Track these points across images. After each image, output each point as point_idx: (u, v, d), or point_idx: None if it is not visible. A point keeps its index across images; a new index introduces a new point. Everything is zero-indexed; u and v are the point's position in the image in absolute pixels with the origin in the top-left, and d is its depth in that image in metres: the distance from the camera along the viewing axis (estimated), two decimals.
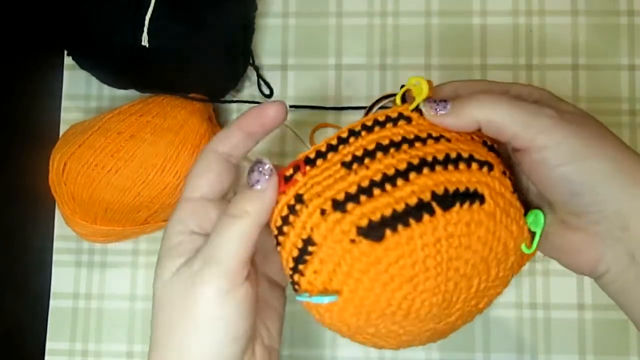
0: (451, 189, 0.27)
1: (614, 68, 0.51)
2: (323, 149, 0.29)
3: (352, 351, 0.49)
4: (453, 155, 0.28)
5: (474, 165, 0.28)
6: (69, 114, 0.53)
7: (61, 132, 0.52)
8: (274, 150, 0.51)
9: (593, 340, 0.48)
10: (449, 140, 0.29)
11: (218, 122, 0.51)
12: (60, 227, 0.52)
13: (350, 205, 0.27)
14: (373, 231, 0.26)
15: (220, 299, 0.26)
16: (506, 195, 0.29)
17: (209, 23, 0.45)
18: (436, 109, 0.29)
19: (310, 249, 0.27)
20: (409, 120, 0.30)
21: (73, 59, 0.48)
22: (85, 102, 0.53)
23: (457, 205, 0.27)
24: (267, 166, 0.28)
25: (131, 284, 0.51)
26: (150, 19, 0.44)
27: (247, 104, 0.51)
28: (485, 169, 0.28)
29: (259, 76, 0.51)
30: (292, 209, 0.28)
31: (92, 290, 0.51)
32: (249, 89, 0.52)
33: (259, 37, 0.52)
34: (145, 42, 0.44)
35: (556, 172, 0.27)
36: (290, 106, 0.51)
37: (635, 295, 0.28)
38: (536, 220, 0.30)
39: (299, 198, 0.28)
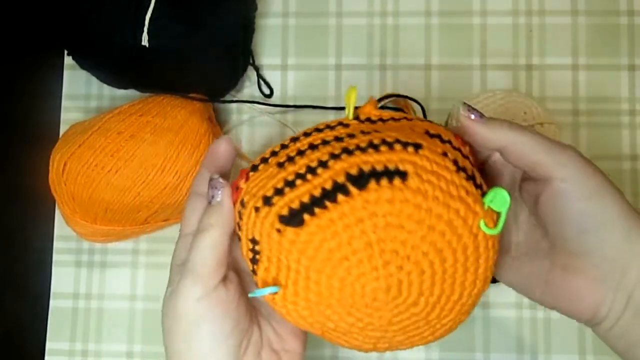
0: (366, 168, 0.27)
1: (614, 68, 0.51)
2: (267, 155, 0.31)
3: (352, 351, 0.49)
4: (376, 141, 0.28)
5: (397, 146, 0.28)
6: (69, 114, 0.53)
7: (61, 132, 0.52)
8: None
9: (593, 340, 0.48)
10: (378, 132, 0.29)
11: (218, 122, 0.51)
12: (60, 227, 0.52)
13: (275, 199, 0.28)
14: (293, 218, 0.27)
15: (197, 304, 0.29)
16: (442, 173, 0.28)
17: (209, 23, 0.45)
18: (472, 114, 0.30)
19: (257, 248, 0.29)
20: (347, 126, 0.31)
21: (73, 58, 0.48)
22: (85, 102, 0.53)
23: (373, 182, 0.27)
24: (218, 180, 0.31)
25: (131, 283, 0.51)
26: (150, 19, 0.44)
27: (247, 104, 0.51)
28: (410, 148, 0.28)
29: (259, 76, 0.51)
30: (240, 215, 0.30)
31: (92, 290, 0.51)
32: (249, 89, 0.52)
33: (259, 37, 0.52)
34: (145, 42, 0.44)
35: (573, 206, 0.28)
36: (290, 106, 0.51)
37: (633, 337, 0.29)
38: (499, 199, 0.29)
39: (242, 203, 0.30)
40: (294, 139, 0.31)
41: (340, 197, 0.27)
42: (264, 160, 0.31)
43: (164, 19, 0.44)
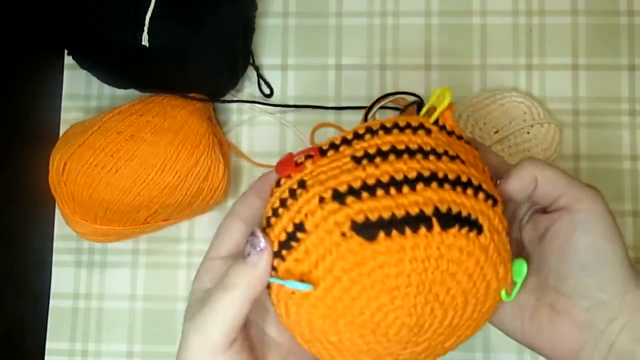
0: (454, 210, 0.26)
1: (614, 68, 0.51)
2: (337, 141, 0.29)
3: None
4: (464, 178, 0.28)
5: (481, 195, 0.28)
6: (69, 114, 0.53)
7: (61, 132, 0.52)
8: (274, 150, 0.51)
9: None
10: (463, 162, 0.29)
11: (218, 122, 0.51)
12: (60, 227, 0.52)
13: (350, 199, 0.26)
14: (367, 229, 0.26)
15: None
16: (502, 235, 0.28)
17: (209, 23, 0.45)
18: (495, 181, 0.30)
19: (299, 235, 0.27)
20: (428, 131, 0.29)
21: (73, 58, 0.48)
22: (85, 102, 0.53)
23: (456, 227, 0.26)
24: (260, 240, 0.28)
25: (131, 283, 0.51)
26: (150, 19, 0.44)
27: (247, 104, 0.51)
28: (490, 202, 0.28)
29: (259, 76, 0.51)
30: (292, 193, 0.28)
31: (92, 290, 0.51)
32: (249, 89, 0.52)
33: (259, 37, 0.52)
34: (145, 42, 0.44)
35: (583, 237, 0.29)
36: (290, 106, 0.51)
37: None
38: (519, 269, 0.29)
39: (302, 183, 0.28)
40: (371, 130, 0.29)
41: (423, 229, 0.26)
42: (334, 147, 0.29)
43: (164, 19, 0.44)
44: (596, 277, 0.29)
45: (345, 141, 0.29)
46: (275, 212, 0.28)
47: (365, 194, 0.26)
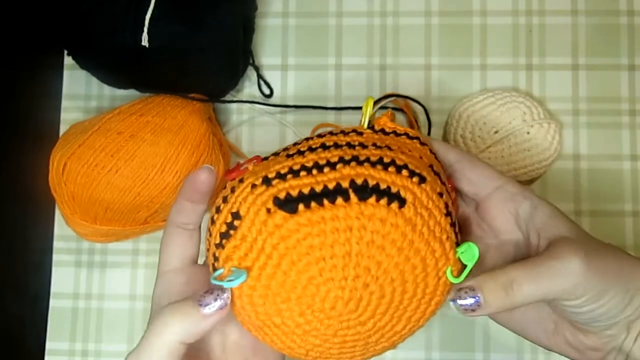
0: (371, 182, 0.28)
1: (614, 68, 0.51)
2: (278, 150, 0.32)
3: None
4: (387, 160, 0.29)
5: (404, 172, 0.29)
6: (69, 114, 0.53)
7: (61, 132, 0.52)
8: (274, 150, 0.51)
9: None
10: (391, 149, 0.30)
11: (218, 122, 0.51)
12: (60, 227, 0.52)
13: (276, 181, 0.28)
14: (288, 204, 0.28)
15: None
16: (434, 212, 0.29)
17: (209, 23, 0.45)
18: (471, 309, 0.30)
19: (235, 223, 0.29)
20: (360, 134, 0.31)
21: (73, 58, 0.48)
22: (85, 102, 0.53)
23: (374, 198, 0.28)
24: (224, 299, 0.28)
25: (131, 283, 0.51)
26: (150, 19, 0.44)
27: (247, 104, 0.51)
28: (415, 179, 0.29)
29: (259, 76, 0.51)
30: (232, 189, 0.30)
31: (92, 290, 0.51)
32: (249, 89, 0.52)
33: (259, 37, 0.52)
34: (145, 42, 0.44)
35: (580, 310, 0.30)
36: (290, 106, 0.51)
37: None
38: (469, 252, 0.30)
39: (240, 180, 0.30)
40: (308, 139, 0.31)
41: (340, 200, 0.27)
42: (275, 154, 0.32)
43: (164, 19, 0.44)
44: (609, 318, 0.30)
45: (285, 149, 0.32)
46: (217, 209, 0.30)
47: (289, 176, 0.29)
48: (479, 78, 0.51)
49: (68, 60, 0.53)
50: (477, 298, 0.29)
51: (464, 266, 0.30)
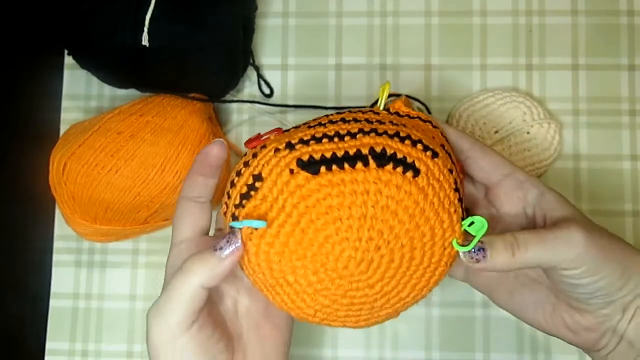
0: (389, 151, 0.30)
1: (614, 68, 0.51)
2: (299, 125, 0.34)
3: (352, 351, 0.49)
4: (403, 134, 0.31)
5: (419, 146, 0.31)
6: (69, 114, 0.53)
7: (61, 132, 0.52)
8: None
9: None
10: (406, 127, 0.32)
11: (218, 122, 0.51)
12: (60, 227, 0.52)
13: (299, 146, 0.31)
14: (310, 165, 0.30)
15: (167, 345, 0.30)
16: (444, 185, 0.31)
17: (209, 23, 0.45)
18: (476, 259, 0.32)
19: (257, 184, 0.31)
20: (377, 114, 0.34)
21: (73, 58, 0.48)
22: (85, 102, 0.53)
23: (391, 165, 0.30)
24: (237, 242, 0.30)
25: (131, 283, 0.51)
26: (150, 19, 0.44)
27: (247, 104, 0.51)
28: (429, 153, 0.31)
29: (259, 76, 0.51)
30: (254, 155, 0.32)
31: (92, 290, 0.51)
32: (249, 89, 0.52)
33: (259, 37, 0.52)
34: (145, 42, 0.44)
35: (579, 282, 0.31)
36: (290, 106, 0.51)
37: None
38: (477, 224, 0.32)
39: (263, 146, 0.32)
40: (327, 115, 0.34)
41: (359, 165, 0.30)
42: (296, 127, 0.34)
43: (164, 19, 0.44)
44: (608, 294, 0.32)
45: (305, 123, 0.34)
46: (238, 173, 0.32)
47: (312, 142, 0.31)
48: (479, 78, 0.51)
49: (68, 60, 0.53)
50: (484, 250, 0.31)
51: (472, 238, 0.32)
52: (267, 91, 0.51)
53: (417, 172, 0.30)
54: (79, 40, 0.47)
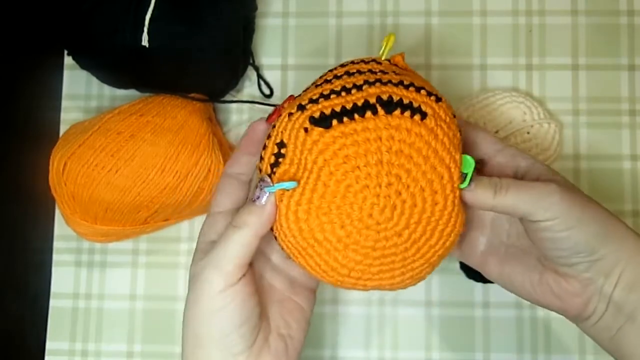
0: (395, 97, 0.31)
1: (614, 68, 0.51)
2: (308, 86, 0.35)
3: (353, 351, 0.49)
4: (406, 82, 0.32)
5: (423, 92, 0.32)
6: (69, 114, 0.53)
7: (61, 132, 0.52)
8: None
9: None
10: (408, 77, 0.33)
11: (218, 122, 0.51)
12: (60, 227, 0.52)
13: (309, 105, 0.32)
14: (322, 120, 0.31)
15: (218, 295, 0.32)
16: (452, 126, 0.32)
17: (209, 23, 0.45)
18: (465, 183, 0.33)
19: (282, 151, 0.32)
20: (379, 63, 0.35)
21: (73, 58, 0.48)
22: (85, 102, 0.53)
23: (398, 110, 0.31)
24: (269, 183, 0.32)
25: (131, 283, 0.51)
26: (150, 19, 0.44)
27: (247, 104, 0.51)
28: (433, 97, 0.32)
29: (259, 76, 0.51)
30: (273, 126, 0.33)
31: (92, 290, 0.51)
32: (249, 89, 0.52)
33: (259, 37, 0.52)
34: (145, 42, 0.44)
35: (560, 235, 0.32)
36: None
37: (614, 330, 0.33)
38: (466, 163, 0.33)
39: (278, 116, 0.34)
40: (331, 70, 0.35)
41: (368, 114, 0.31)
42: (306, 89, 0.35)
43: (164, 19, 0.44)
44: (587, 257, 0.32)
45: (313, 83, 0.35)
46: (264, 147, 0.34)
47: (321, 99, 0.32)
48: (479, 78, 0.51)
49: (68, 60, 0.53)
50: (470, 182, 0.33)
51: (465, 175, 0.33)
52: (267, 91, 0.51)
53: (424, 114, 0.31)
54: (79, 40, 0.47)
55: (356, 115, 0.31)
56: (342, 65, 0.35)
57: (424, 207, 0.32)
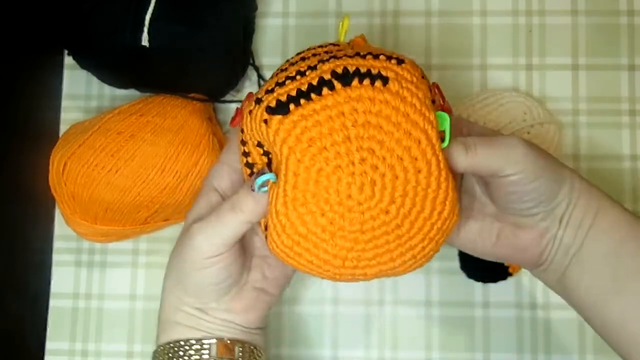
0: (351, 68, 0.29)
1: (614, 68, 0.51)
2: (267, 80, 0.33)
3: (353, 351, 0.49)
4: (363, 52, 0.30)
5: (382, 57, 0.30)
6: (69, 114, 0.53)
7: (61, 132, 0.52)
8: None
9: (593, 340, 0.48)
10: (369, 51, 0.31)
11: (218, 122, 0.51)
12: (60, 227, 0.52)
13: (265, 97, 0.30)
14: (279, 108, 0.29)
15: (203, 260, 0.34)
16: (421, 87, 0.30)
17: (209, 23, 0.45)
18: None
19: (246, 149, 0.32)
20: (337, 45, 0.33)
21: (73, 58, 0.48)
22: (85, 102, 0.53)
23: (356, 80, 0.29)
24: (272, 175, 0.31)
25: (131, 283, 0.51)
26: (150, 19, 0.44)
27: None
28: (393, 61, 0.30)
29: (259, 76, 0.51)
30: (242, 130, 0.33)
31: (92, 290, 0.51)
32: (249, 89, 0.52)
33: (259, 37, 0.52)
34: (145, 42, 0.44)
35: (524, 188, 0.33)
36: None
37: (560, 272, 0.35)
38: (440, 119, 0.31)
39: (242, 118, 0.32)
40: (288, 60, 0.33)
41: (325, 90, 0.29)
42: (265, 81, 0.34)
43: (164, 19, 0.44)
44: (547, 205, 0.34)
45: (270, 77, 0.33)
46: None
47: (277, 88, 0.30)
48: (479, 78, 0.51)
49: (68, 60, 0.53)
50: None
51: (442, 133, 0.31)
52: None
53: (385, 79, 0.29)
54: (79, 40, 0.47)
55: (313, 95, 0.29)
56: (299, 54, 0.34)
57: (406, 177, 0.29)
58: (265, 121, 0.29)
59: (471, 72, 0.51)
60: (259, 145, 0.32)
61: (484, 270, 0.49)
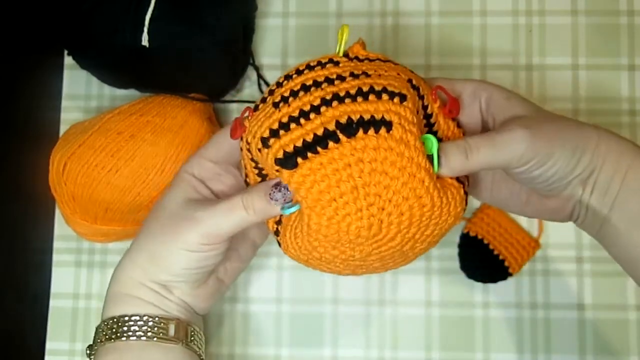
0: (355, 117, 0.30)
1: (614, 68, 0.51)
2: (265, 94, 0.34)
3: (352, 351, 0.49)
4: (365, 88, 0.31)
5: (384, 96, 0.31)
6: (69, 114, 0.53)
7: (61, 132, 0.52)
8: None
9: (593, 340, 0.48)
10: (369, 75, 0.32)
11: (218, 122, 0.51)
12: (60, 227, 0.52)
13: (271, 141, 0.31)
14: (287, 161, 0.30)
15: (200, 245, 0.35)
16: (418, 120, 0.32)
17: (209, 23, 0.45)
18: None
19: (248, 180, 0.35)
20: (337, 63, 0.33)
21: (73, 58, 0.48)
22: (85, 102, 0.53)
23: (360, 131, 0.30)
24: (289, 195, 0.32)
25: None
26: (150, 19, 0.44)
27: (247, 104, 0.51)
28: (396, 99, 0.30)
29: (259, 76, 0.51)
30: (249, 151, 0.33)
31: (92, 290, 0.51)
32: (249, 89, 0.52)
33: (259, 37, 0.52)
34: (145, 42, 0.44)
35: (538, 172, 0.33)
36: None
37: (598, 229, 0.35)
38: (428, 143, 0.32)
39: (247, 141, 0.33)
40: (288, 77, 0.33)
41: (331, 143, 0.30)
42: (263, 100, 0.33)
43: (164, 19, 0.44)
44: (563, 178, 0.34)
45: (270, 92, 0.33)
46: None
47: (282, 132, 0.31)
48: (479, 78, 0.51)
49: (68, 60, 0.53)
50: (440, 159, 0.32)
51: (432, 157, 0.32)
52: None
53: (389, 125, 0.30)
54: (79, 40, 0.47)
55: (319, 148, 0.30)
56: (298, 72, 0.33)
57: (411, 213, 0.31)
58: (277, 171, 0.31)
59: (471, 72, 0.51)
60: (257, 167, 0.34)
61: (484, 270, 0.49)
